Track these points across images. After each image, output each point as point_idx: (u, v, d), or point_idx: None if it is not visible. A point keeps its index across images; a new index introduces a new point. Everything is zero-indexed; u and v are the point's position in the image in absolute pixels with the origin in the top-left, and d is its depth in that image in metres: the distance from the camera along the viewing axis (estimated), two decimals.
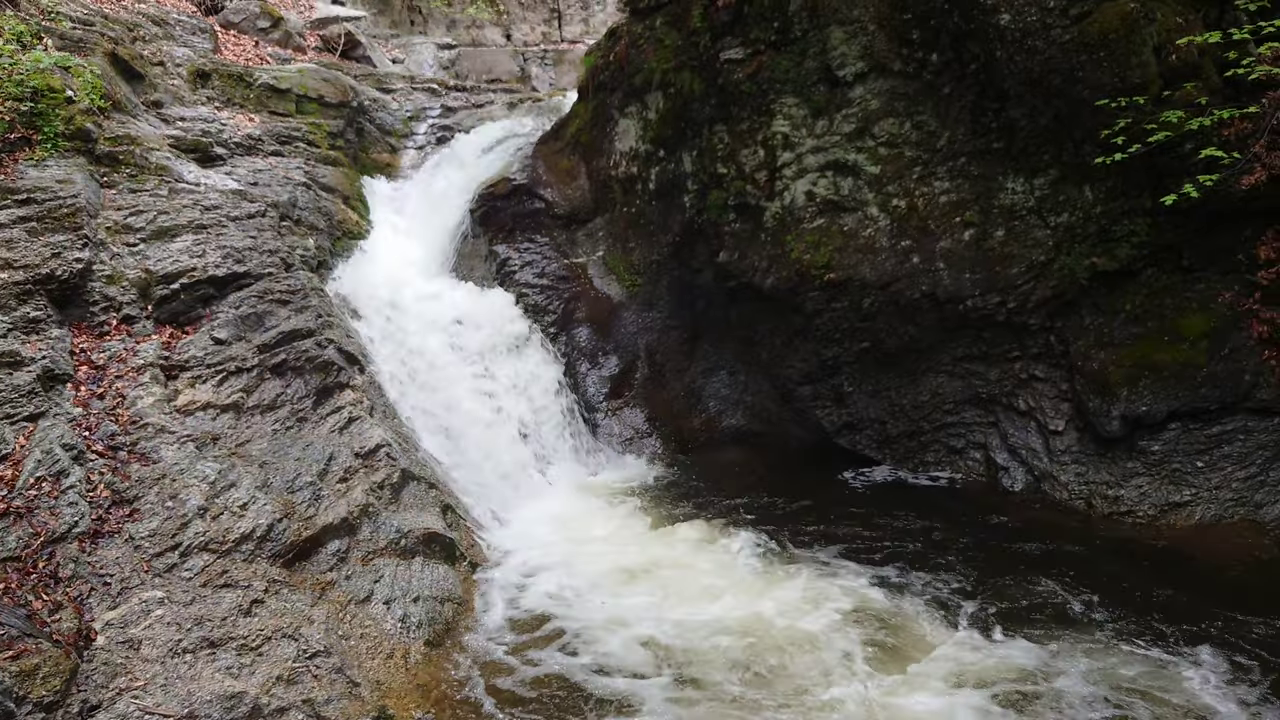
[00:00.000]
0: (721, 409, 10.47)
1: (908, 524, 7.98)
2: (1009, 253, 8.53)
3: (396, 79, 15.94)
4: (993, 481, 8.73)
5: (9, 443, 5.78)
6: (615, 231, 11.01)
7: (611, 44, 11.11)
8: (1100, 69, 7.62)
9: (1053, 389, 8.51)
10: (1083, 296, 8.32)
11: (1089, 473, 8.13)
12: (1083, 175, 8.08)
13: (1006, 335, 8.70)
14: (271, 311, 8.10)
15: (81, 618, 5.03)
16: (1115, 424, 7.91)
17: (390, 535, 6.60)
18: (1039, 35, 7.81)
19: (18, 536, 5.23)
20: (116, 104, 9.41)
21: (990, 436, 8.89)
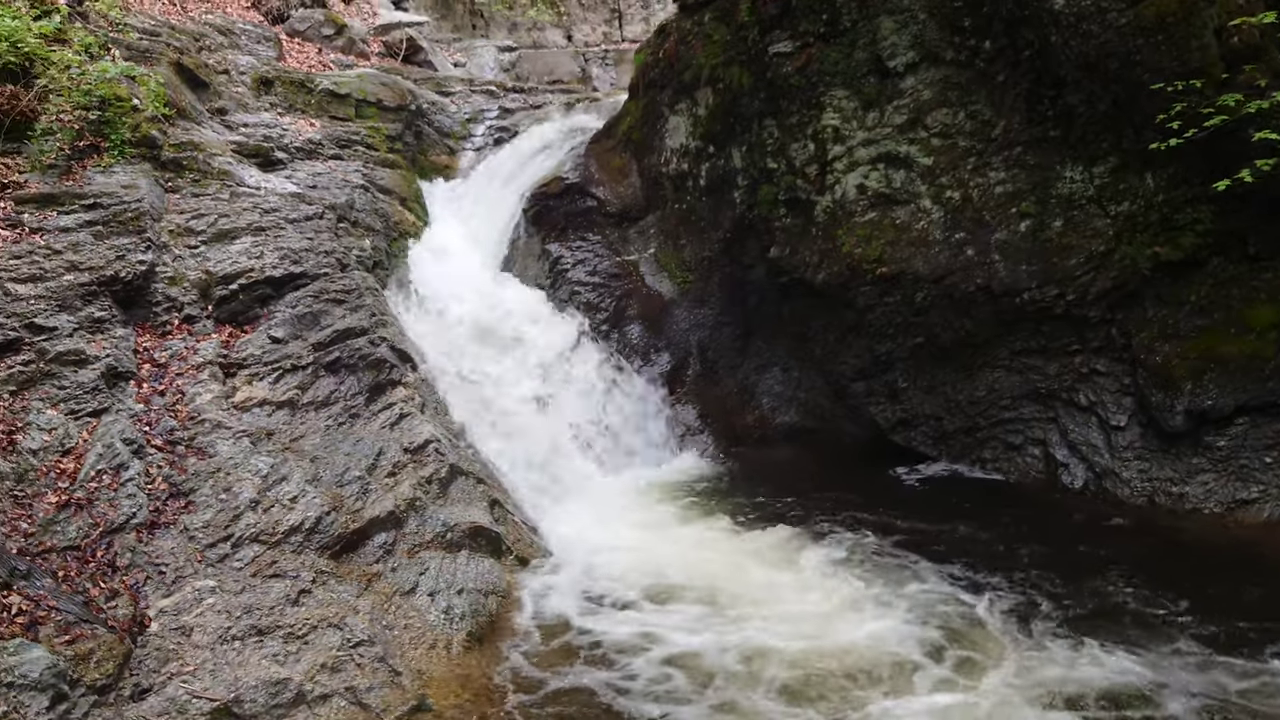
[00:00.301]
0: (775, 406, 10.40)
1: (967, 523, 7.78)
2: (1067, 243, 8.31)
3: (455, 82, 16.16)
4: (1052, 479, 8.51)
5: (73, 437, 6.02)
6: (666, 228, 11.02)
7: (661, 41, 11.13)
8: (1158, 53, 7.39)
9: (1114, 383, 8.27)
10: (1145, 287, 8.07)
11: (1152, 469, 7.89)
12: (1144, 162, 7.83)
13: (1065, 328, 8.48)
14: (326, 311, 8.29)
15: (137, 605, 5.22)
16: (1179, 419, 7.66)
17: (436, 529, 6.70)
18: (1094, 19, 7.59)
19: (78, 526, 5.44)
20: (181, 111, 9.74)
21: (1049, 432, 8.67)
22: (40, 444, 5.82)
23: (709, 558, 7.32)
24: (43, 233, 7.23)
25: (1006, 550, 7.24)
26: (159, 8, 12.15)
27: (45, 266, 6.93)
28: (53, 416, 6.04)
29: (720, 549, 7.50)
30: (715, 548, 7.55)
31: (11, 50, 7.92)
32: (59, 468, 5.75)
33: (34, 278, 6.79)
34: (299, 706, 4.96)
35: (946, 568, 6.97)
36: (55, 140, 8.05)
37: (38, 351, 6.35)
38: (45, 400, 6.13)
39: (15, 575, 4.88)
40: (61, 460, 5.81)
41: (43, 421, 5.96)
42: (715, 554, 7.41)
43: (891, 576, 6.82)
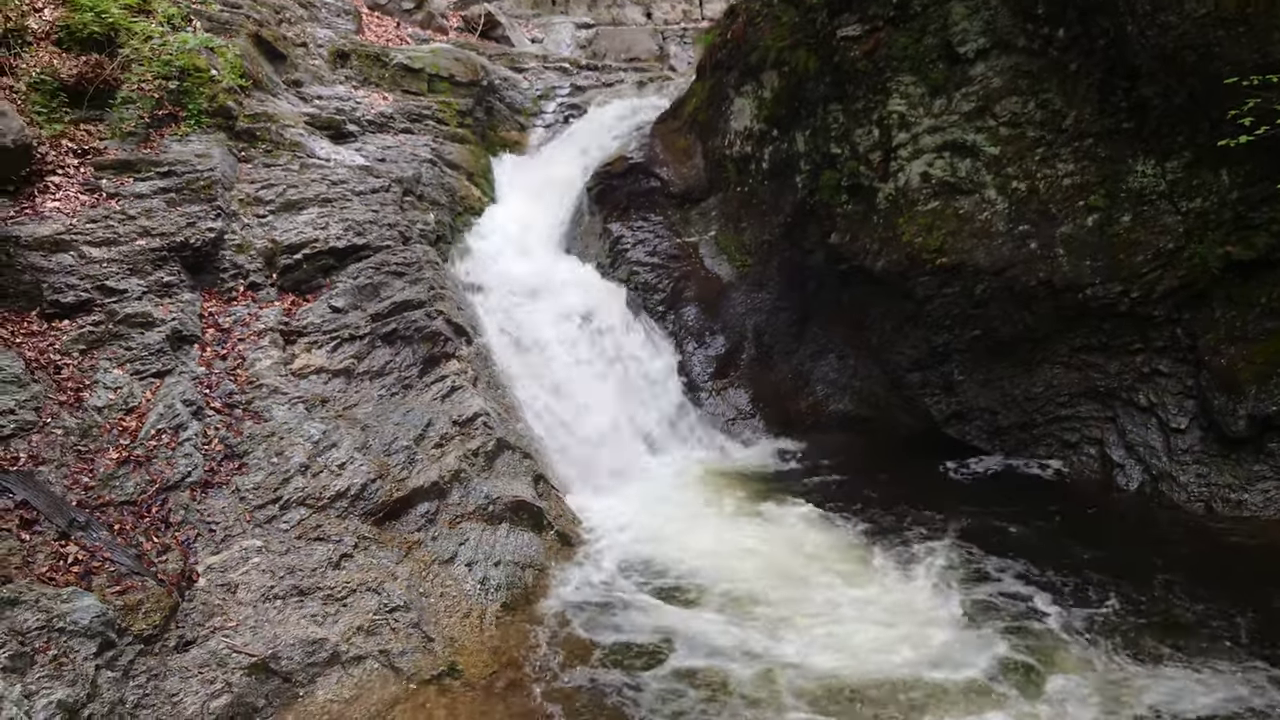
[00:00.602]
0: (829, 393, 10.33)
1: (1024, 522, 7.65)
2: (1135, 239, 8.07)
3: (529, 58, 16.28)
4: (1107, 479, 8.32)
5: (137, 396, 6.30)
6: (728, 211, 10.98)
7: (730, 22, 11.04)
8: (1239, 45, 7.09)
9: (1177, 385, 8.03)
10: (1214, 287, 7.80)
11: (1211, 474, 7.65)
12: (1219, 158, 7.55)
13: (1128, 326, 8.25)
14: (387, 283, 8.48)
15: (186, 560, 5.46)
16: (1242, 423, 7.41)
17: (479, 501, 6.85)
18: (1172, 9, 7.32)
19: (135, 483, 5.71)
20: (257, 83, 10.00)
21: (1107, 432, 8.46)
22: (105, 402, 6.11)
23: (752, 549, 7.28)
24: (119, 198, 7.53)
25: (1067, 554, 7.03)
26: None
27: (119, 231, 7.23)
28: (118, 376, 6.33)
29: (765, 542, 7.44)
30: (760, 540, 7.48)
31: (96, 20, 8.23)
32: (121, 425, 6.03)
33: (108, 241, 7.09)
34: (333, 666, 5.15)
35: (1007, 568, 6.82)
36: (135, 108, 8.35)
37: (108, 313, 6.65)
38: (112, 360, 6.42)
39: (74, 526, 5.15)
40: (124, 418, 6.09)
41: (109, 380, 6.25)
42: (759, 546, 7.35)
43: (950, 578, 6.69)
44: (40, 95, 7.75)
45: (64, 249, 6.81)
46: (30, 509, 5.08)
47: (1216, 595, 6.27)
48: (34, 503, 5.11)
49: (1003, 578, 6.70)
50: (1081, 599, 6.36)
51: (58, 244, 6.81)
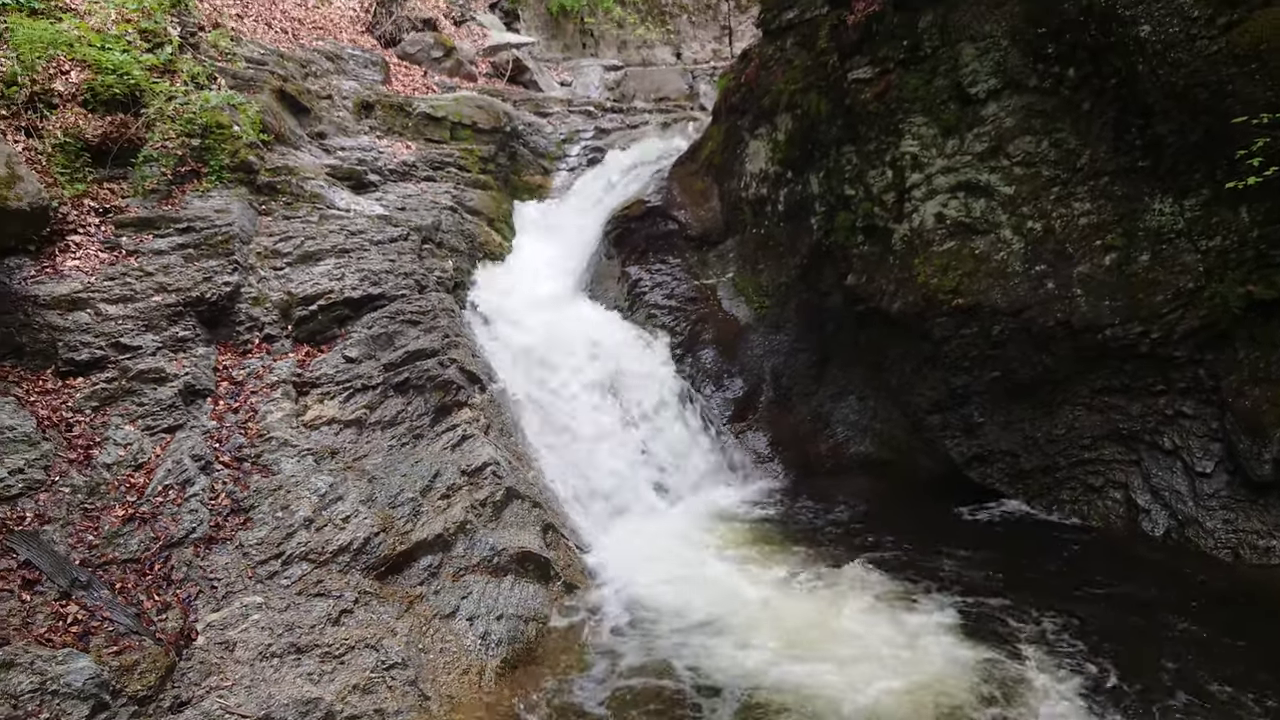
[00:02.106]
0: (849, 435, 10.21)
1: (1051, 574, 7.41)
2: (1154, 279, 7.91)
3: (554, 103, 16.48)
4: (1133, 525, 8.09)
5: (146, 452, 6.41)
6: (745, 253, 10.97)
7: (743, 66, 11.10)
8: (1253, 82, 6.96)
9: (1201, 427, 7.82)
10: (1236, 327, 7.60)
11: (1239, 520, 7.41)
12: (1238, 196, 7.36)
13: (1150, 368, 8.06)
14: (401, 331, 8.57)
15: (186, 618, 5.51)
16: (1268, 468, 7.18)
17: (484, 552, 6.85)
18: (1183, 47, 7.23)
19: (140, 540, 5.79)
20: (280, 136, 10.23)
21: (1132, 476, 8.25)
22: (115, 458, 6.21)
23: (766, 603, 7.10)
24: (138, 255, 7.71)
25: (1098, 610, 6.75)
26: (270, 37, 12.79)
27: (136, 288, 7.40)
28: (129, 432, 6.44)
29: (781, 596, 7.24)
30: (774, 593, 7.28)
31: (119, 81, 8.47)
32: (129, 482, 6.13)
33: (124, 298, 7.25)
34: None
35: (1024, 628, 6.56)
36: (158, 166, 8.56)
37: (121, 369, 6.79)
38: (124, 416, 6.54)
39: (76, 585, 5.22)
40: (133, 475, 6.19)
41: (119, 437, 6.36)
42: (773, 599, 7.17)
43: (972, 640, 6.42)
44: (64, 156, 7.98)
45: (81, 307, 6.98)
46: (33, 569, 5.17)
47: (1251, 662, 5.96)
48: (37, 563, 5.20)
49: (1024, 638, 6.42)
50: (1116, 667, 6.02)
51: (75, 302, 6.98)
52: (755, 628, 6.65)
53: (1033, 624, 6.65)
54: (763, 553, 8.07)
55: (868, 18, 9.16)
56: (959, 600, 7.00)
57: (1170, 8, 7.27)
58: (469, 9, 20.44)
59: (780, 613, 6.90)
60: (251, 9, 13.67)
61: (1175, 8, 7.24)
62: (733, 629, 6.64)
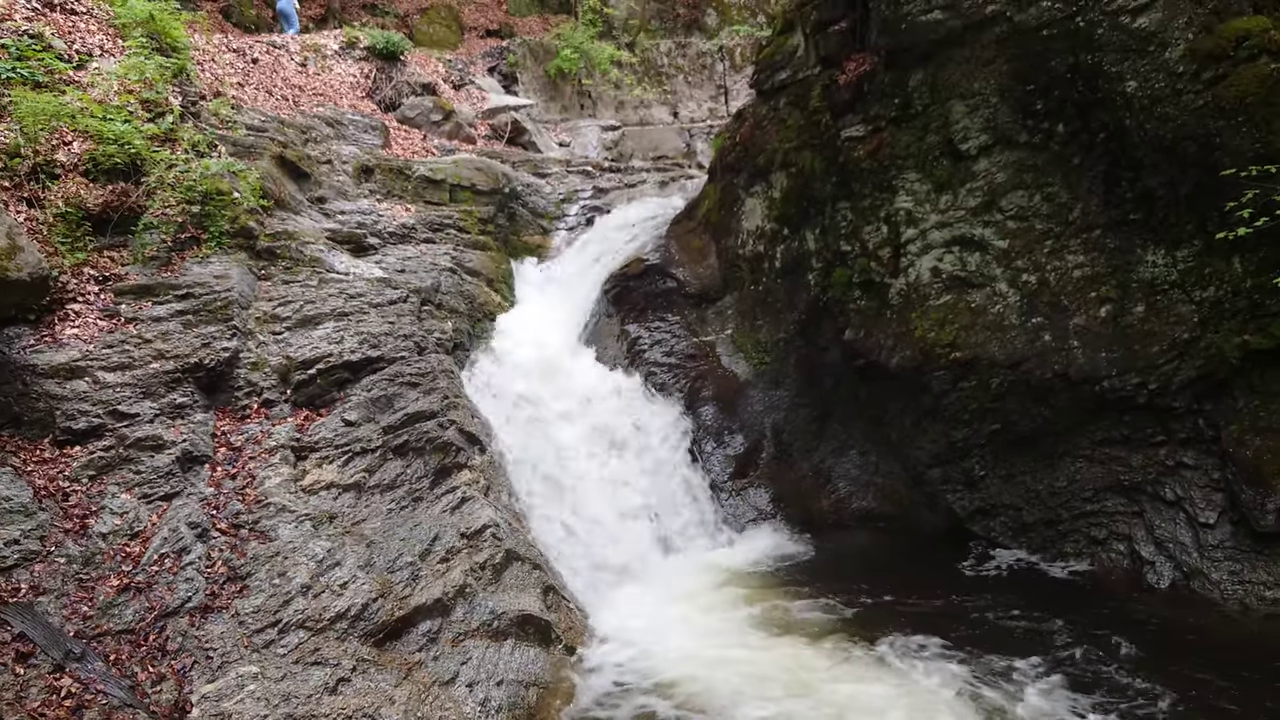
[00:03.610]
0: (851, 490, 10.16)
1: (1058, 631, 7.33)
2: (1149, 330, 7.94)
3: (552, 163, 16.66)
4: (1137, 577, 8.01)
5: (142, 520, 6.37)
6: (743, 310, 11.02)
7: (738, 125, 11.26)
8: (1239, 135, 7.07)
9: (1203, 477, 7.78)
10: (1234, 377, 7.61)
11: (1244, 571, 7.35)
12: (1231, 246, 7.42)
13: (1149, 418, 8.05)
14: (401, 394, 8.57)
15: (181, 690, 5.44)
16: (1271, 518, 7.14)
17: (484, 617, 6.77)
18: (1169, 101, 7.35)
19: (135, 610, 5.73)
20: (280, 202, 10.33)
21: (1135, 528, 8.19)
22: (111, 527, 6.18)
23: (768, 667, 6.96)
24: (136, 322, 7.74)
25: (1105, 668, 6.70)
26: (270, 104, 13.00)
27: (134, 355, 7.42)
28: (125, 501, 6.41)
29: (783, 657, 7.11)
30: (777, 655, 7.16)
31: (120, 151, 8.59)
32: (125, 551, 6.08)
33: (122, 366, 7.27)
34: None
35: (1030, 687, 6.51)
36: (158, 233, 8.63)
37: (118, 437, 6.78)
38: (121, 485, 6.51)
39: (70, 658, 5.17)
40: (129, 544, 6.15)
41: (115, 505, 6.34)
42: (776, 662, 7.03)
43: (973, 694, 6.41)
44: (65, 225, 8.06)
45: (79, 375, 6.99)
46: (27, 641, 5.12)
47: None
48: (31, 635, 5.15)
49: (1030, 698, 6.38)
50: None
51: (73, 371, 7.00)
52: (759, 690, 6.54)
53: (1028, 678, 6.60)
54: (763, 612, 7.98)
55: (859, 77, 9.31)
56: (961, 656, 6.91)
57: (1156, 63, 7.40)
58: (468, 73, 20.79)
59: (777, 680, 6.77)
60: (253, 77, 13.92)
61: (1161, 63, 7.38)
62: (733, 700, 6.49)
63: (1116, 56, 7.63)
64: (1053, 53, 8.04)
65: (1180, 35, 7.33)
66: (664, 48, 25.64)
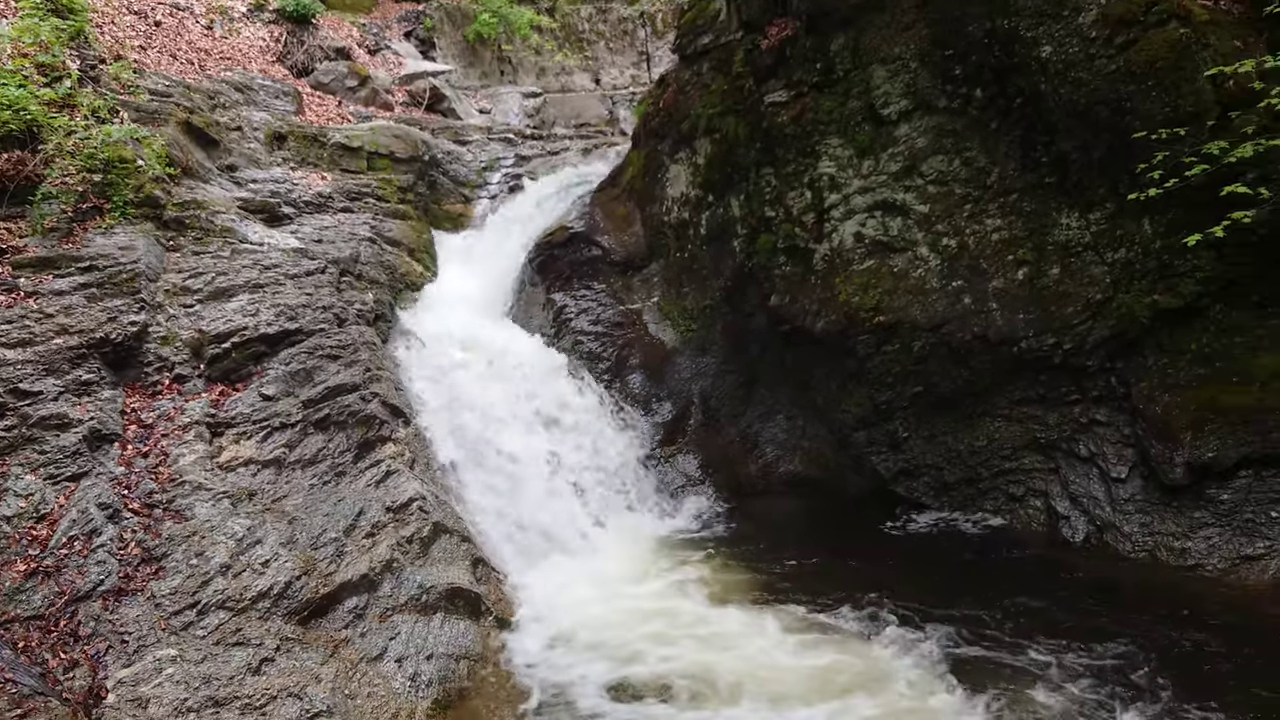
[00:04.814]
0: (778, 454, 10.24)
1: (972, 584, 7.50)
2: (1064, 291, 8.13)
3: (473, 130, 16.36)
4: (1053, 531, 8.26)
5: (49, 502, 6.11)
6: (669, 277, 10.99)
7: (661, 91, 11.17)
8: (1149, 99, 7.24)
9: (1115, 434, 8.03)
10: (1145, 336, 7.84)
11: (1154, 523, 7.61)
12: (1141, 209, 7.61)
13: (1064, 378, 8.27)
14: (321, 367, 8.35)
15: (95, 676, 5.24)
16: (1179, 471, 7.40)
17: (412, 591, 6.66)
18: (1083, 66, 7.48)
19: (44, 595, 5.50)
20: (187, 170, 9.93)
21: (1051, 484, 8.43)
22: (15, 510, 5.91)
23: (697, 630, 7.00)
24: (37, 296, 7.38)
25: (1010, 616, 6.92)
26: (175, 68, 12.46)
27: (35, 330, 7.07)
28: (30, 482, 6.13)
29: (712, 622, 7.15)
30: (707, 621, 7.18)
31: (15, 118, 8.14)
32: (31, 534, 5.83)
33: (23, 342, 6.93)
34: None
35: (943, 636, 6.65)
36: (57, 203, 8.23)
37: (20, 416, 6.47)
38: (25, 466, 6.23)
39: None
40: (35, 526, 5.89)
41: (19, 487, 6.05)
42: (706, 627, 7.06)
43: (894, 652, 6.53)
44: None
45: None
46: None
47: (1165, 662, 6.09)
48: None
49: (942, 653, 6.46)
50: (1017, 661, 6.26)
51: None
52: (689, 658, 6.58)
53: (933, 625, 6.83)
54: (691, 577, 8.02)
55: (781, 42, 9.29)
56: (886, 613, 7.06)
57: (1070, 29, 7.52)
58: (384, 38, 20.23)
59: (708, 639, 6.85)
60: (156, 40, 13.32)
61: (1074, 29, 7.50)
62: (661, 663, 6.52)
63: (1032, 21, 7.74)
64: (970, 17, 8.12)
65: (1093, 0, 7.45)
66: (585, 13, 25.28)
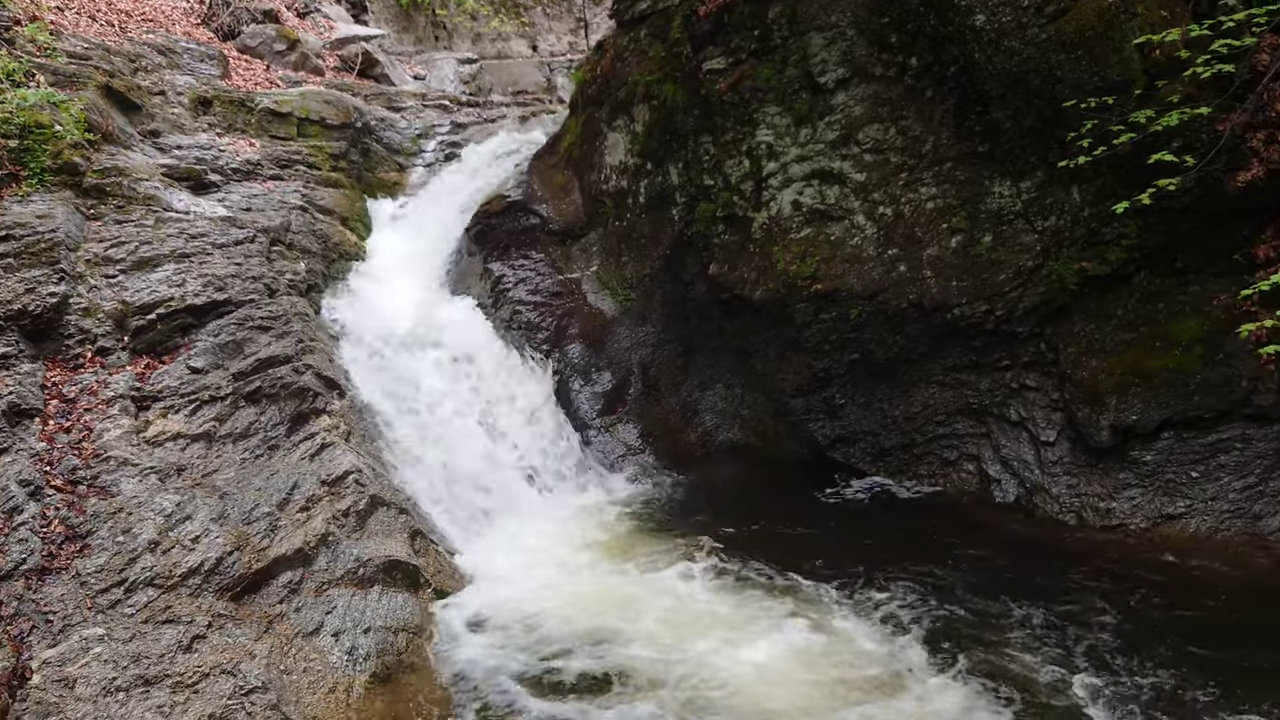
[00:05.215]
0: (718, 423, 10.30)
1: (905, 546, 7.68)
2: (996, 259, 8.26)
3: (407, 96, 16.03)
4: (986, 494, 8.45)
5: None
6: (608, 246, 10.92)
7: (599, 57, 11.04)
8: (1079, 68, 7.34)
9: (1044, 398, 8.22)
10: (1073, 302, 8.03)
11: (1080, 485, 7.83)
12: (1070, 177, 7.76)
13: (996, 344, 8.43)
14: (251, 338, 8.16)
15: (20, 656, 5.08)
16: (1105, 434, 7.61)
17: (349, 564, 6.57)
18: (1015, 35, 7.55)
19: None
20: (108, 136, 9.57)
21: (983, 448, 8.61)
22: None
23: (635, 600, 7.03)
24: None
25: (942, 575, 7.11)
26: (95, 30, 11.98)
27: None
28: None
29: (650, 593, 7.15)
30: (645, 591, 7.20)
31: None
32: None
33: None
34: None
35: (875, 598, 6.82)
36: None
37: None
38: None
39: None
40: None
41: None
42: (643, 597, 7.08)
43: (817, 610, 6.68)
44: None
45: None
46: None
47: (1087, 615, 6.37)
48: None
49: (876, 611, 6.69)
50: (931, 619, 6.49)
51: None
52: (627, 621, 6.63)
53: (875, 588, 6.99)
54: (632, 546, 8.08)
55: (719, 8, 9.23)
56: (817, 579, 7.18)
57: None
58: (314, 1, 19.68)
59: (644, 605, 6.91)
60: (74, 1, 12.78)
61: None
62: (595, 632, 6.53)
63: None
64: None
65: None
66: None
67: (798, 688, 5.72)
